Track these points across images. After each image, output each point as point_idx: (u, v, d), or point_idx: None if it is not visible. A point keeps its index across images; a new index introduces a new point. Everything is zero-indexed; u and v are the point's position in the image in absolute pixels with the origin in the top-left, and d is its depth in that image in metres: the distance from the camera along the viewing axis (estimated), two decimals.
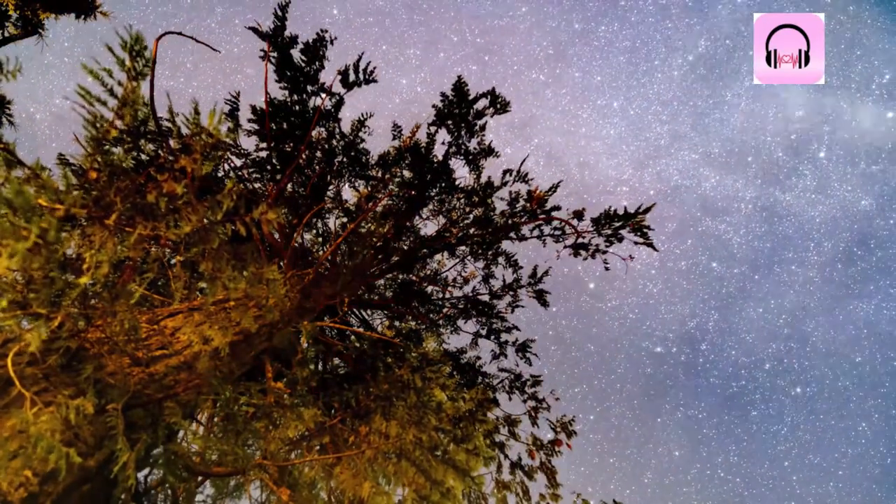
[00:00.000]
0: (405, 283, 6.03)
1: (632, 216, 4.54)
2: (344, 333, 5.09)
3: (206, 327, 2.31)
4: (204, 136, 1.64)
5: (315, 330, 3.37)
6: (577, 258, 5.06)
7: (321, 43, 4.21)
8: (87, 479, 1.51)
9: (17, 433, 1.36)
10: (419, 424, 3.46)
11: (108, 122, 1.57)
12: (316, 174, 5.00)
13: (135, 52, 1.57)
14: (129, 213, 1.53)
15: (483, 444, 4.35)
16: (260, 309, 2.69)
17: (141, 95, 1.66)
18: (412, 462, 3.33)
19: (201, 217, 1.63)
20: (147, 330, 2.18)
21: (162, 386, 1.95)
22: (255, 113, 4.36)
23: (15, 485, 1.29)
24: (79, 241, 1.49)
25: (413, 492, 3.29)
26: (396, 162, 5.12)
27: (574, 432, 4.87)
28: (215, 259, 1.80)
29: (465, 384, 5.38)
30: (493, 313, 5.77)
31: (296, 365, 3.34)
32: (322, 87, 4.41)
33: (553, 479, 4.61)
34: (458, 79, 4.68)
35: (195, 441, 2.86)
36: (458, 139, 4.96)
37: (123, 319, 1.78)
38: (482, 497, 4.13)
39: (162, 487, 2.77)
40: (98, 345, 1.81)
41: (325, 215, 5.62)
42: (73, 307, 1.73)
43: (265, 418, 3.00)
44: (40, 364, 1.57)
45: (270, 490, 2.97)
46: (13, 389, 1.45)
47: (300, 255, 4.99)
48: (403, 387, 3.69)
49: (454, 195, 5.33)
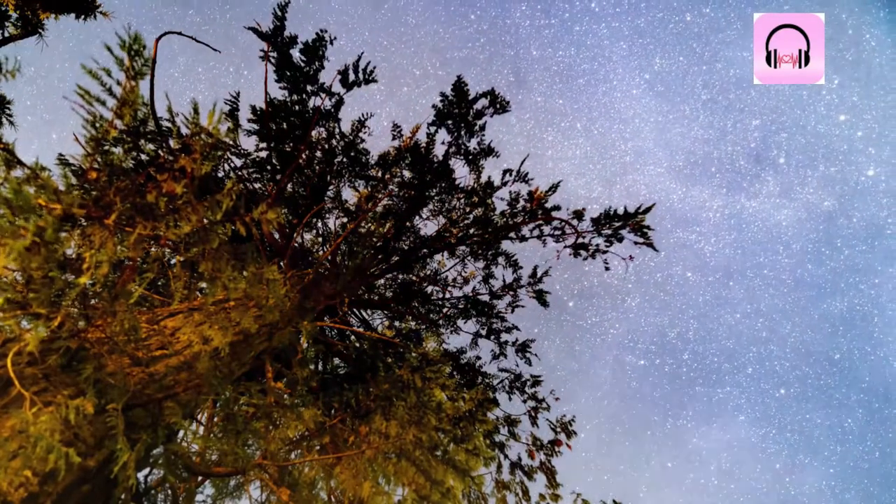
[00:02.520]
0: (405, 283, 6.03)
1: (632, 216, 4.55)
2: (344, 333, 5.09)
3: (206, 327, 2.31)
4: (204, 136, 1.64)
5: (315, 330, 3.37)
6: (558, 271, 5.13)
7: (321, 43, 4.21)
8: (87, 479, 1.51)
9: (17, 433, 1.36)
10: (419, 424, 3.46)
11: (107, 121, 1.58)
12: (316, 174, 5.00)
13: (133, 52, 1.57)
14: (128, 213, 1.53)
15: (483, 444, 4.35)
16: (260, 309, 2.69)
17: (140, 95, 1.66)
18: (412, 462, 3.33)
19: (201, 217, 1.63)
20: (147, 330, 2.18)
21: (162, 386, 1.95)
22: (255, 113, 4.36)
23: (15, 485, 1.29)
24: (78, 240, 1.49)
25: (413, 492, 3.29)
26: (396, 162, 5.12)
27: (574, 432, 4.87)
28: (215, 259, 1.80)
29: (465, 384, 5.38)
30: (493, 313, 5.77)
31: (296, 365, 3.34)
32: (322, 87, 4.41)
33: (553, 479, 4.60)
34: (458, 79, 4.68)
35: (195, 441, 2.86)
36: (457, 139, 4.96)
37: (123, 319, 1.78)
38: (482, 497, 4.13)
39: (162, 487, 2.77)
40: (98, 345, 1.81)
41: (325, 215, 5.62)
42: (72, 307, 1.73)
43: (265, 418, 3.00)
44: (40, 364, 1.57)
45: (270, 490, 2.97)
46: (13, 389, 1.44)
47: (300, 255, 4.99)
48: (403, 387, 3.69)
49: (454, 195, 5.33)
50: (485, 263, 5.79)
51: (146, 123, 2.49)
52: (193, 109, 1.66)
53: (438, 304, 5.93)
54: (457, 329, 5.92)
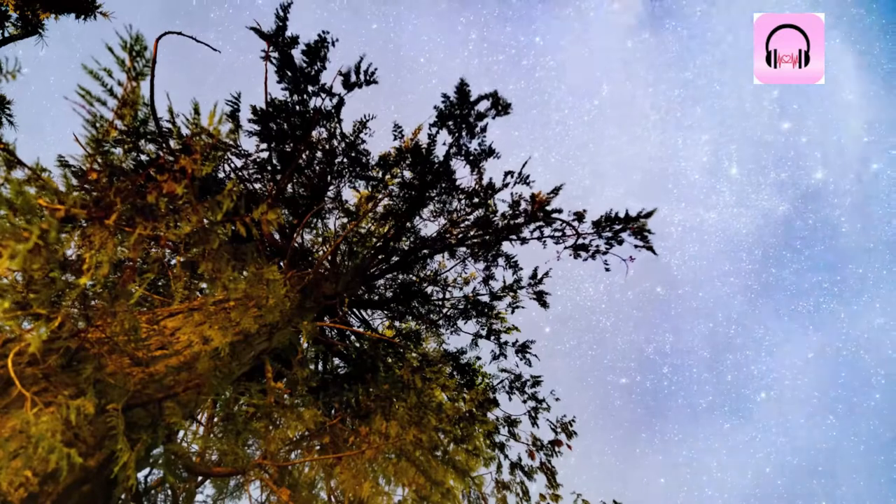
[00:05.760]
0: (405, 283, 6.03)
1: (633, 219, 4.55)
2: (344, 333, 5.09)
3: (206, 327, 2.31)
4: (204, 137, 1.64)
5: (315, 330, 3.37)
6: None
7: (322, 44, 4.22)
8: (87, 479, 1.51)
9: (18, 433, 1.36)
10: (419, 424, 3.46)
11: (108, 122, 1.58)
12: (316, 174, 5.00)
13: (135, 52, 1.58)
14: (129, 214, 1.53)
15: (483, 445, 4.35)
16: (260, 309, 2.69)
17: (141, 96, 1.66)
18: (412, 462, 3.33)
19: (201, 217, 1.63)
20: (147, 330, 2.18)
21: (162, 386, 1.95)
22: (256, 113, 4.36)
23: (15, 485, 1.29)
24: (79, 241, 1.50)
25: (413, 492, 3.29)
26: (397, 163, 5.12)
27: (574, 433, 4.87)
28: (215, 259, 1.80)
29: (465, 384, 5.38)
30: (493, 314, 5.77)
31: (296, 365, 3.34)
32: (323, 88, 4.41)
33: (553, 479, 4.60)
34: (461, 81, 4.68)
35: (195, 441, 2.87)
36: (459, 140, 4.96)
37: (123, 319, 1.78)
38: (482, 497, 4.12)
39: (162, 487, 2.77)
40: (98, 345, 1.81)
41: (325, 215, 5.62)
42: (73, 307, 1.73)
43: (265, 418, 3.00)
44: (40, 364, 1.57)
45: (270, 490, 2.97)
46: (13, 390, 1.45)
47: (300, 255, 4.99)
48: (403, 387, 3.69)
49: (455, 196, 5.33)
50: (485, 264, 5.79)
51: (147, 124, 2.50)
52: (194, 110, 1.66)
53: (438, 304, 5.93)
54: (457, 329, 5.92)
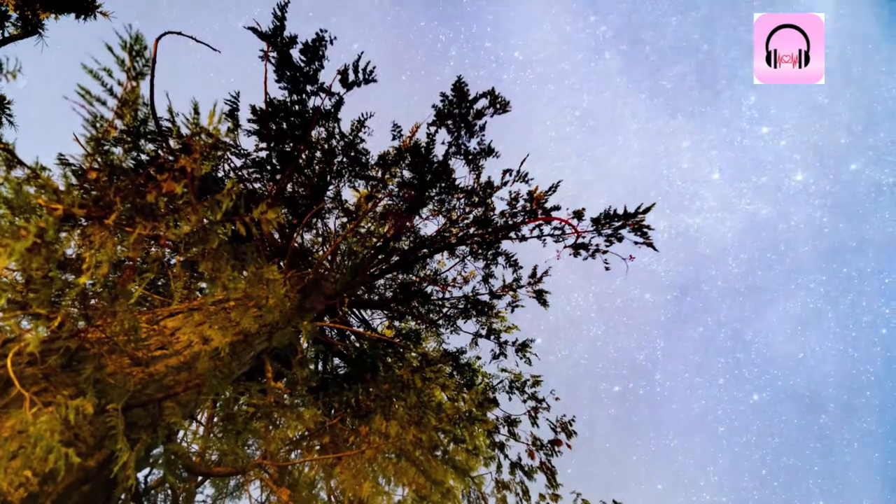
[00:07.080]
0: (405, 283, 6.03)
1: (632, 216, 4.55)
2: (344, 333, 5.09)
3: (206, 327, 2.31)
4: (204, 136, 1.64)
5: (315, 330, 3.37)
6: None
7: (321, 43, 4.21)
8: (87, 479, 1.51)
9: (17, 433, 1.36)
10: (419, 424, 3.46)
11: (107, 121, 1.57)
12: (316, 174, 5.00)
13: (135, 52, 1.57)
14: (128, 213, 1.53)
15: (483, 444, 4.36)
16: (260, 309, 2.68)
17: (140, 95, 1.66)
18: (412, 462, 3.33)
19: (201, 217, 1.63)
20: (147, 330, 2.18)
21: (162, 386, 1.95)
22: (255, 113, 4.36)
23: (15, 485, 1.29)
24: (78, 240, 1.49)
25: (413, 492, 3.28)
26: (396, 162, 5.11)
27: (574, 432, 4.87)
28: (215, 259, 1.80)
29: (464, 384, 5.38)
30: (493, 313, 5.77)
31: (296, 365, 3.34)
32: (322, 87, 4.40)
33: (553, 479, 4.61)
34: (458, 79, 4.68)
35: (195, 441, 2.87)
36: (457, 139, 4.95)
37: (123, 319, 1.78)
38: (482, 497, 4.13)
39: (162, 487, 2.77)
40: (98, 345, 1.81)
41: (325, 215, 5.62)
42: (72, 307, 1.73)
43: (265, 418, 3.00)
44: (40, 364, 1.57)
45: (270, 490, 2.97)
46: (13, 389, 1.44)
47: (300, 255, 4.99)
48: (403, 387, 3.68)
49: (454, 195, 5.33)
50: (485, 263, 5.79)
51: (146, 123, 2.49)
52: (193, 109, 1.66)
53: (438, 303, 5.93)
54: (456, 329, 5.92)
